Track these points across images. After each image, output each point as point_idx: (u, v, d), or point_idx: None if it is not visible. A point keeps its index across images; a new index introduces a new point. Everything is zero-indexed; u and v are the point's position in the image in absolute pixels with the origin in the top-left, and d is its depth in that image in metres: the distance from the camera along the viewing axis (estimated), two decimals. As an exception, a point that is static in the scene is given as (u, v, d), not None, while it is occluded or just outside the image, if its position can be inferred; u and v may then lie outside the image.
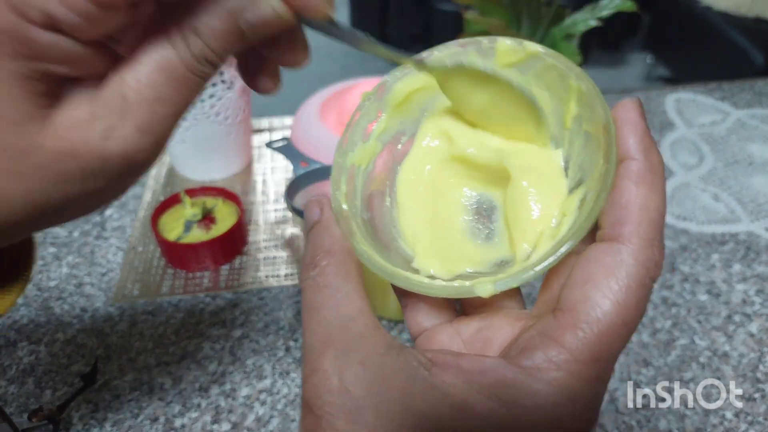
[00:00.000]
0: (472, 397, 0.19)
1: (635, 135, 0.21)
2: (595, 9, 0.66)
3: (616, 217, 0.20)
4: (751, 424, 0.47)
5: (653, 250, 0.20)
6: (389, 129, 0.28)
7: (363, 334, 0.20)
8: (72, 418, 0.47)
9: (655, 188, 0.20)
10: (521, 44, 0.25)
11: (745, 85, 0.91)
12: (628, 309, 0.19)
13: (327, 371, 0.20)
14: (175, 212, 0.63)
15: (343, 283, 0.22)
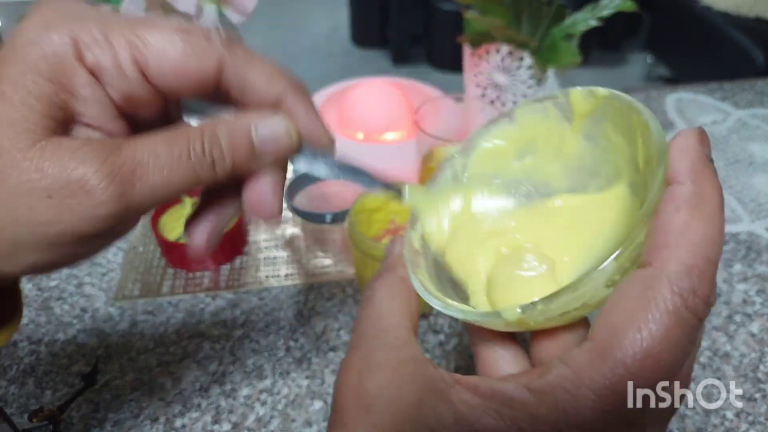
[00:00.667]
0: (480, 416, 0.20)
1: (687, 160, 0.19)
2: (595, 9, 0.66)
3: (654, 241, 0.19)
4: (752, 424, 0.47)
5: (692, 278, 0.17)
6: None
7: (388, 343, 0.22)
8: (72, 419, 0.47)
9: (702, 214, 0.18)
10: (590, 91, 0.25)
11: (746, 85, 0.91)
12: (654, 338, 0.17)
13: (350, 370, 0.22)
14: (176, 212, 0.63)
15: (389, 300, 0.24)
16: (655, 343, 0.17)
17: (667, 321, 0.17)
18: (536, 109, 0.27)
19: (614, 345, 0.17)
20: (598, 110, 0.25)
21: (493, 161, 0.28)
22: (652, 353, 0.17)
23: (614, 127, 0.25)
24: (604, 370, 0.17)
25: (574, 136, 0.27)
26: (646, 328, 0.17)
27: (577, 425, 0.18)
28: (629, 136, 0.24)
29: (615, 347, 0.17)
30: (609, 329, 0.18)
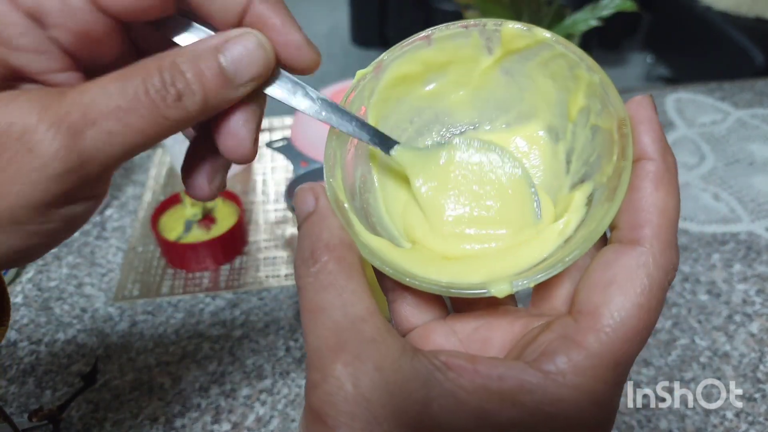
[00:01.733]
0: (494, 404, 0.18)
1: (652, 134, 0.20)
2: (595, 8, 0.66)
3: (636, 219, 0.20)
4: (751, 424, 0.47)
5: (672, 252, 0.20)
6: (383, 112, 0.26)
7: (375, 337, 0.19)
8: (72, 418, 0.47)
9: (672, 190, 0.20)
10: (530, 30, 0.24)
11: (746, 85, 0.91)
12: (649, 312, 0.19)
13: (340, 378, 0.18)
14: (175, 212, 0.63)
15: (347, 281, 0.20)
16: (650, 315, 0.19)
17: (657, 296, 0.19)
18: (458, 34, 0.25)
19: (623, 322, 0.19)
20: (531, 50, 0.24)
21: (400, 86, 0.26)
22: (647, 326, 0.19)
23: (543, 68, 0.24)
24: (614, 348, 0.18)
25: (492, 68, 0.26)
26: (647, 306, 0.19)
27: (598, 402, 0.19)
28: (563, 83, 0.24)
29: (620, 325, 0.18)
30: (611, 307, 0.19)
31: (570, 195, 0.23)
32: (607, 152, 0.21)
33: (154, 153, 0.79)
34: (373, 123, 0.25)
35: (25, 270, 0.61)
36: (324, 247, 0.20)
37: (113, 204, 0.70)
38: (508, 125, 0.26)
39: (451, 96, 0.27)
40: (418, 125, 0.27)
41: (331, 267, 0.20)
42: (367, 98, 0.25)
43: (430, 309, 0.23)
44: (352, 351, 0.18)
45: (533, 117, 0.26)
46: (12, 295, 0.59)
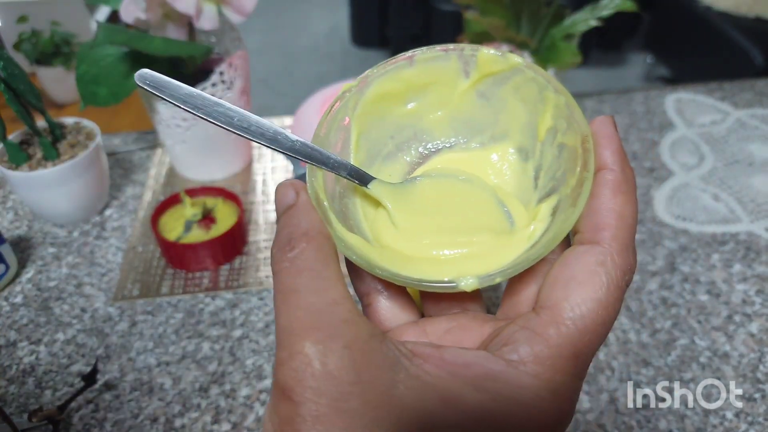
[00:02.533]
0: (459, 389, 0.19)
1: (611, 147, 0.22)
2: (595, 9, 0.66)
3: (595, 222, 0.21)
4: (751, 424, 0.47)
5: (629, 254, 0.21)
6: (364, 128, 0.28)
7: (347, 319, 0.19)
8: (72, 419, 0.47)
9: (630, 198, 0.22)
10: (504, 56, 0.26)
11: (745, 85, 0.91)
12: (607, 308, 0.20)
13: (308, 355, 0.18)
14: (175, 212, 0.63)
15: (323, 267, 0.20)
16: (608, 312, 0.20)
17: (615, 294, 0.20)
18: (438, 57, 0.27)
19: (582, 316, 0.20)
20: (504, 74, 0.26)
21: (383, 103, 0.28)
22: (606, 321, 0.20)
23: (515, 92, 0.26)
24: (573, 340, 0.20)
25: (468, 91, 0.28)
26: (605, 302, 0.20)
27: (556, 391, 0.20)
28: (533, 105, 0.26)
29: (580, 318, 0.20)
30: (571, 302, 0.20)
31: (537, 207, 0.25)
32: (571, 167, 0.23)
33: (154, 153, 0.79)
34: (356, 135, 0.27)
35: (24, 270, 0.61)
36: (302, 235, 0.21)
37: (113, 204, 0.70)
38: (482, 145, 0.28)
39: (429, 115, 0.29)
40: (398, 141, 0.29)
41: (308, 253, 0.21)
42: (351, 110, 0.27)
43: (404, 312, 0.24)
44: (322, 329, 0.19)
45: (505, 137, 0.28)
46: (12, 295, 0.59)
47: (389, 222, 0.26)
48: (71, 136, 0.65)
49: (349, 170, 0.25)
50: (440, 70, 0.27)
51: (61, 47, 1.58)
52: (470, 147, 0.28)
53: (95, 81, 0.60)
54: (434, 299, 0.25)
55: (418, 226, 0.25)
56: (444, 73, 0.27)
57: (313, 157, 0.24)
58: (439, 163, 0.28)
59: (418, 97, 0.28)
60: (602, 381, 0.50)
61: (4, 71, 0.57)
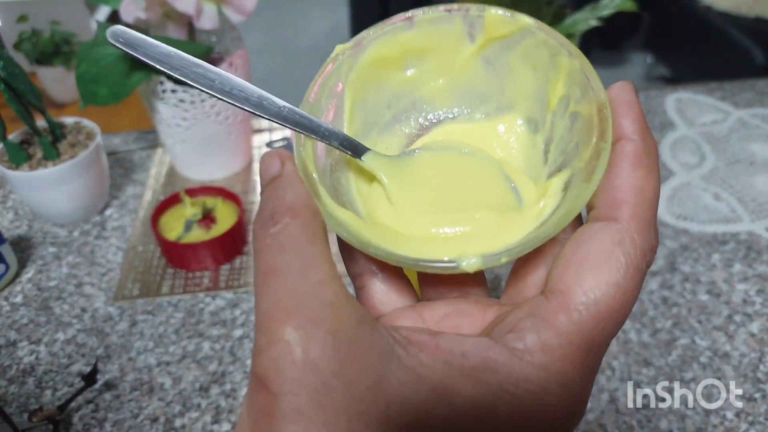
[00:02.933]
0: (454, 381, 0.17)
1: (632, 116, 0.20)
2: (595, 8, 0.66)
3: (613, 198, 0.19)
4: (751, 424, 0.47)
5: (651, 233, 0.19)
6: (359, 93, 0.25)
7: (333, 302, 0.17)
8: (72, 418, 0.47)
9: (652, 172, 0.19)
10: (513, 16, 0.23)
11: (746, 85, 0.91)
12: (625, 293, 0.18)
13: (289, 342, 0.16)
14: (176, 212, 0.63)
15: (309, 244, 0.18)
16: (626, 297, 0.18)
17: (634, 277, 0.18)
18: (441, 18, 0.24)
19: (596, 301, 0.18)
20: (513, 38, 0.24)
21: (379, 68, 0.25)
22: (624, 306, 0.18)
23: (524, 58, 0.24)
24: (587, 328, 0.18)
25: (473, 57, 0.25)
26: (623, 286, 0.18)
27: (566, 385, 0.18)
28: (544, 73, 0.23)
29: (594, 304, 0.18)
30: (585, 286, 0.18)
31: (548, 183, 0.22)
32: (586, 138, 0.21)
33: (155, 153, 0.79)
34: (350, 103, 0.25)
35: (24, 269, 0.61)
36: (287, 209, 0.19)
37: (113, 203, 0.70)
38: (487, 115, 0.26)
39: (430, 83, 0.26)
40: (395, 111, 0.26)
41: (293, 229, 0.18)
42: (345, 75, 0.24)
43: (399, 295, 0.22)
44: (305, 314, 0.17)
45: (513, 108, 0.25)
46: (12, 294, 0.59)
47: (385, 198, 0.23)
48: (71, 135, 0.65)
49: (342, 140, 0.23)
50: (443, 34, 0.25)
51: (61, 47, 1.58)
52: (474, 118, 0.26)
53: (95, 80, 0.60)
54: (433, 282, 0.23)
55: (417, 203, 0.23)
56: (447, 37, 0.25)
57: (302, 125, 0.22)
58: (440, 135, 0.26)
59: (418, 63, 0.26)
60: (602, 381, 0.50)
61: (4, 71, 0.57)
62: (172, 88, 0.64)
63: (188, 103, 0.64)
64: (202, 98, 0.65)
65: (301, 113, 0.22)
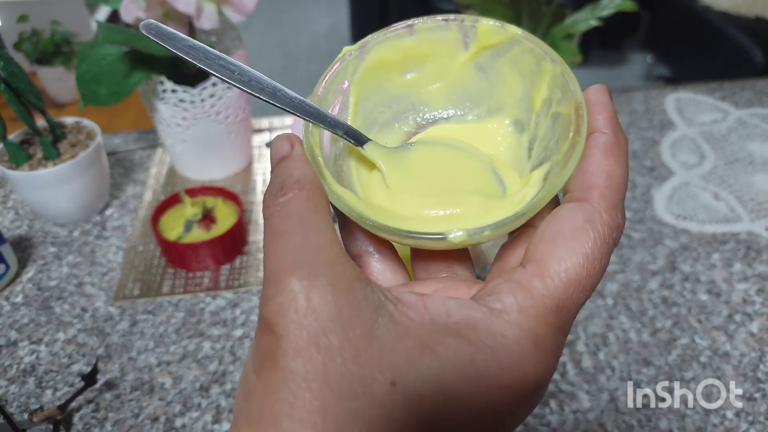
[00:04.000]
0: (439, 335, 0.19)
1: (605, 113, 0.23)
2: (595, 8, 0.66)
3: (585, 181, 0.22)
4: (751, 423, 0.47)
5: (617, 213, 0.21)
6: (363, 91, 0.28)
7: (334, 261, 0.20)
8: (72, 418, 0.47)
9: (621, 160, 0.22)
10: (503, 26, 0.26)
11: (746, 85, 0.91)
12: (593, 263, 0.20)
13: (293, 290, 0.19)
14: (176, 212, 0.63)
15: (313, 212, 0.21)
16: (594, 267, 0.20)
17: (602, 249, 0.20)
18: (439, 27, 0.27)
19: (567, 269, 0.20)
20: (502, 46, 0.27)
21: (382, 71, 0.28)
22: (591, 275, 0.20)
23: (513, 65, 0.27)
24: (557, 293, 0.20)
25: (467, 63, 0.28)
26: (591, 257, 0.20)
27: (538, 342, 0.20)
28: (530, 78, 0.26)
29: (564, 271, 0.20)
30: (557, 256, 0.20)
31: (530, 175, 0.25)
32: (564, 134, 0.23)
33: (155, 152, 0.79)
34: (354, 100, 0.27)
35: (25, 269, 0.61)
36: (295, 183, 0.21)
37: (113, 203, 0.70)
38: (479, 117, 0.28)
39: (428, 86, 0.29)
40: (395, 111, 0.29)
41: (300, 199, 0.21)
42: (350, 74, 0.27)
43: (394, 275, 0.24)
44: (309, 267, 0.19)
45: (501, 110, 0.28)
46: (12, 294, 0.59)
47: (382, 183, 0.26)
48: (72, 135, 0.65)
49: (346, 129, 0.25)
50: (440, 41, 0.27)
51: (61, 47, 1.58)
52: (467, 119, 0.29)
53: (95, 80, 0.60)
54: (424, 260, 0.25)
55: (411, 188, 0.25)
56: (443, 44, 0.27)
57: (311, 114, 0.24)
58: (434, 133, 0.29)
59: (417, 68, 0.28)
60: (602, 380, 0.50)
61: (4, 71, 0.57)
62: (172, 88, 0.64)
63: (188, 102, 0.65)
64: (202, 98, 0.65)
65: (310, 104, 0.24)
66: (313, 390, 0.18)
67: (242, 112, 0.70)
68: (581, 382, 0.50)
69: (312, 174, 0.22)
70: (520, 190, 0.24)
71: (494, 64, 0.27)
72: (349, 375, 0.18)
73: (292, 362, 0.18)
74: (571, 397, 0.49)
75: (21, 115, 0.60)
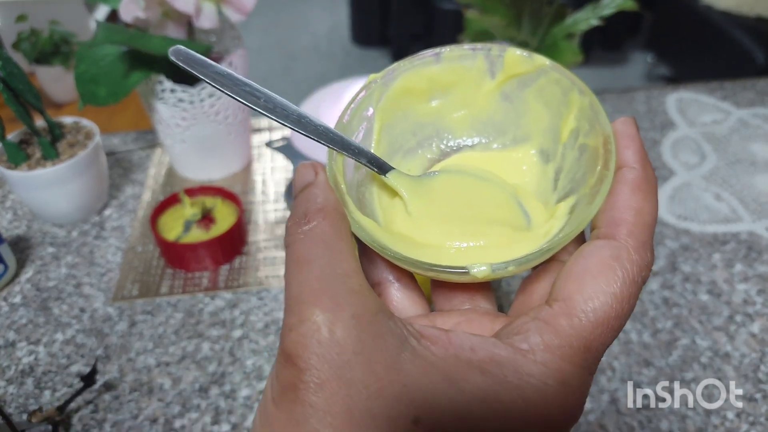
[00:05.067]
0: (463, 370, 0.19)
1: (634, 147, 0.22)
2: (596, 8, 0.65)
3: (614, 218, 0.21)
4: (752, 424, 0.46)
5: (647, 251, 0.21)
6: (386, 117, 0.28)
7: (357, 291, 0.19)
8: (71, 419, 0.47)
9: (650, 196, 0.22)
10: (531, 56, 0.26)
11: (747, 84, 0.91)
12: (621, 303, 0.20)
13: (317, 322, 0.18)
14: (175, 212, 0.63)
15: (337, 241, 0.21)
16: (623, 306, 0.20)
17: (630, 289, 0.20)
18: (466, 56, 0.27)
19: (595, 309, 0.20)
20: (529, 75, 0.26)
21: (407, 98, 0.28)
22: (620, 315, 0.20)
23: (539, 95, 0.26)
24: (585, 333, 0.19)
25: (493, 92, 0.28)
26: (619, 296, 0.20)
27: (565, 382, 0.19)
28: (557, 108, 0.26)
29: (592, 311, 0.20)
30: (585, 295, 0.20)
31: (556, 207, 0.25)
32: (592, 167, 0.23)
33: (153, 153, 0.79)
34: (378, 127, 0.27)
35: (23, 270, 0.61)
36: (318, 211, 0.21)
37: (112, 203, 0.70)
38: (504, 146, 0.28)
39: (453, 114, 0.29)
40: (420, 138, 0.29)
41: (323, 227, 0.21)
42: (375, 102, 0.27)
43: (414, 305, 0.24)
44: (332, 298, 0.19)
45: (527, 140, 0.28)
46: (11, 295, 0.59)
47: (404, 211, 0.26)
48: (70, 135, 0.65)
49: (369, 158, 0.25)
50: (466, 70, 0.27)
51: (60, 46, 1.58)
52: (491, 147, 0.28)
53: (94, 80, 0.60)
54: (445, 293, 0.25)
55: (433, 217, 0.25)
56: (470, 73, 0.27)
57: (335, 142, 0.24)
58: (459, 161, 0.28)
59: (443, 95, 0.28)
60: (603, 381, 0.50)
61: (3, 70, 0.56)
62: (171, 88, 0.63)
63: (187, 103, 0.64)
64: (201, 98, 0.65)
65: (335, 132, 0.24)
66: (335, 425, 0.17)
67: (242, 112, 0.70)
68: (582, 383, 0.50)
69: (335, 202, 0.22)
70: (545, 223, 0.24)
71: (520, 94, 0.27)
72: (373, 409, 0.18)
73: (314, 396, 0.18)
74: (572, 398, 0.49)
75: (19, 115, 0.60)
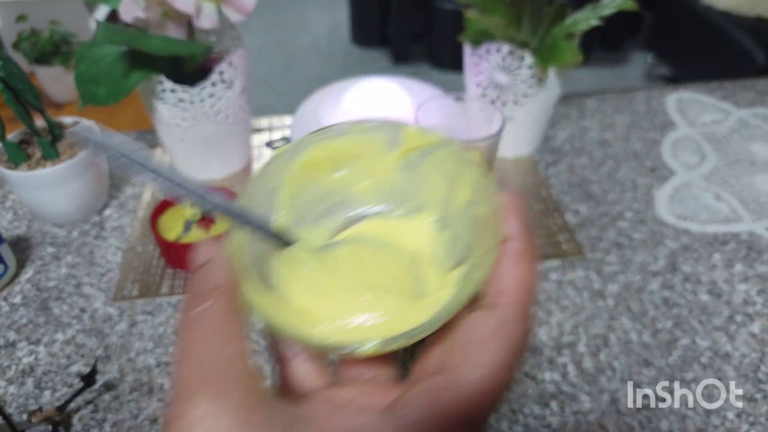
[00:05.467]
0: None
1: (517, 219, 0.24)
2: (596, 8, 0.65)
3: (497, 288, 0.22)
4: (752, 424, 0.46)
5: (526, 320, 0.22)
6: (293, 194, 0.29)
7: (245, 374, 0.20)
8: (71, 419, 0.47)
9: (532, 267, 0.23)
10: (426, 131, 0.28)
11: (747, 84, 0.91)
12: (504, 370, 0.21)
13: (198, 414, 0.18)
14: (175, 212, 0.63)
15: (228, 322, 0.21)
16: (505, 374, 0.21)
17: (516, 354, 0.21)
18: (369, 129, 0.29)
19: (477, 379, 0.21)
20: (427, 148, 0.28)
21: (314, 169, 0.29)
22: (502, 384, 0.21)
23: (435, 167, 0.28)
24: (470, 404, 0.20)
25: (395, 163, 0.29)
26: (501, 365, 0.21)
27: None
28: (450, 180, 0.28)
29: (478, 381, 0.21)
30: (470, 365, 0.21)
31: (450, 274, 0.26)
32: (483, 236, 0.25)
33: (153, 153, 0.79)
34: (285, 198, 0.29)
35: (23, 270, 0.61)
36: (213, 290, 0.22)
37: (112, 203, 0.70)
38: (405, 214, 0.30)
39: (358, 184, 0.30)
40: (327, 205, 0.30)
41: (216, 308, 0.21)
42: (282, 173, 0.28)
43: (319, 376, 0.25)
44: (217, 385, 0.19)
45: (426, 207, 0.29)
46: (11, 295, 0.59)
47: (306, 283, 0.27)
48: (70, 135, 0.65)
49: (271, 232, 0.26)
50: (370, 142, 0.29)
51: (60, 46, 1.58)
52: (393, 215, 0.30)
53: (94, 80, 0.60)
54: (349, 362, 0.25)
55: (333, 289, 0.26)
56: (373, 145, 0.29)
57: (237, 216, 0.25)
58: (362, 229, 0.30)
59: (347, 166, 0.30)
60: (603, 381, 0.50)
61: (3, 70, 0.56)
62: (172, 88, 0.63)
63: (188, 102, 0.64)
64: (202, 98, 0.65)
65: (235, 207, 0.25)
66: None
67: (242, 111, 0.70)
68: (582, 383, 0.50)
69: (231, 279, 0.22)
70: (438, 290, 0.25)
71: (420, 164, 0.29)
72: None
73: None
74: (572, 398, 0.49)
75: (19, 115, 0.60)
